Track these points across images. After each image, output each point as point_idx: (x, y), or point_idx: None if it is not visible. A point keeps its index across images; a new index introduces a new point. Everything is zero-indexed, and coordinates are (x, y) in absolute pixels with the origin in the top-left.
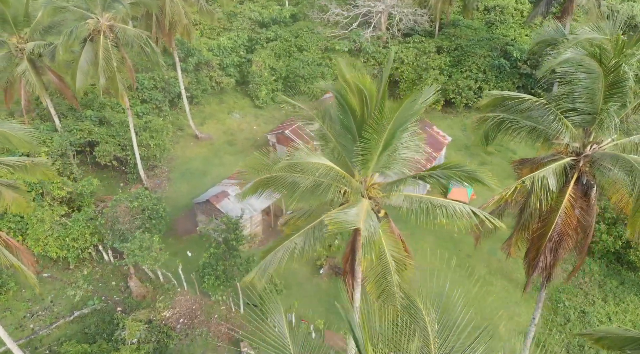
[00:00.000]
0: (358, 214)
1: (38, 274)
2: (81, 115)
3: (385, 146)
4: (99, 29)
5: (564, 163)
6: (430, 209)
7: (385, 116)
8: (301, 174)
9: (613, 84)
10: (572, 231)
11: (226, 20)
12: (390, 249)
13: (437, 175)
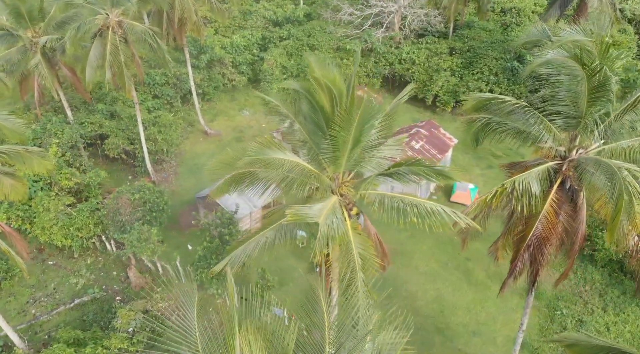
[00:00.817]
0: (321, 209)
1: (44, 261)
2: (93, 108)
3: (355, 143)
4: (108, 24)
5: (548, 167)
6: (402, 208)
7: (352, 113)
8: (265, 170)
9: (597, 87)
10: (555, 237)
11: (241, 19)
12: (358, 247)
13: (402, 172)
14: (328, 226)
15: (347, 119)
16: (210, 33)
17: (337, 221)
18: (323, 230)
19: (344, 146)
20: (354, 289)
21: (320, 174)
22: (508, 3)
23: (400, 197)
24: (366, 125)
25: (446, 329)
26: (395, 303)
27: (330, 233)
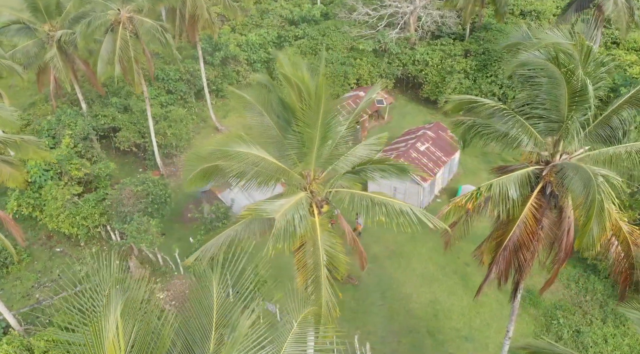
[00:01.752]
0: (282, 205)
1: (51, 248)
2: (108, 102)
3: (322, 140)
4: (119, 20)
5: (528, 172)
6: (370, 207)
7: (317, 111)
8: (230, 163)
9: (576, 91)
10: (534, 243)
11: (258, 17)
12: (324, 243)
13: (369, 169)
14: (287, 222)
15: (312, 116)
16: (226, 31)
17: (300, 217)
18: (279, 226)
19: (311, 142)
20: (316, 285)
21: (289, 170)
22: (528, 6)
23: (370, 196)
24: (332, 122)
25: (438, 333)
26: (388, 304)
27: (290, 229)
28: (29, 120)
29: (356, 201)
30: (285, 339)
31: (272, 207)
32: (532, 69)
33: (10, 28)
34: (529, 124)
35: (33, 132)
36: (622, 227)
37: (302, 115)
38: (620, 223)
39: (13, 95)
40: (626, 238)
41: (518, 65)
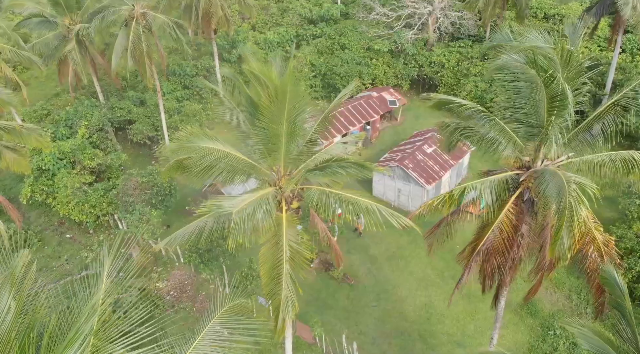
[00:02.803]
0: (243, 200)
1: (62, 234)
2: (125, 95)
3: (290, 136)
4: (133, 15)
5: (506, 176)
6: (338, 204)
7: (281, 107)
8: (196, 158)
9: (555, 96)
10: (513, 250)
11: (278, 16)
12: (289, 239)
13: (333, 166)
14: (248, 216)
15: (276, 113)
16: (245, 29)
17: (264, 212)
18: (236, 220)
19: (277, 139)
20: (277, 280)
21: (257, 165)
22: (552, 9)
23: (338, 194)
24: (297, 120)
25: (430, 337)
26: (383, 305)
27: (251, 223)
28: (50, 110)
29: (325, 198)
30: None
31: (231, 203)
32: (511, 72)
33: (32, 21)
34: (511, 128)
35: (52, 122)
36: (597, 237)
37: (266, 111)
38: (595, 233)
39: (39, 86)
40: (600, 249)
41: (496, 68)
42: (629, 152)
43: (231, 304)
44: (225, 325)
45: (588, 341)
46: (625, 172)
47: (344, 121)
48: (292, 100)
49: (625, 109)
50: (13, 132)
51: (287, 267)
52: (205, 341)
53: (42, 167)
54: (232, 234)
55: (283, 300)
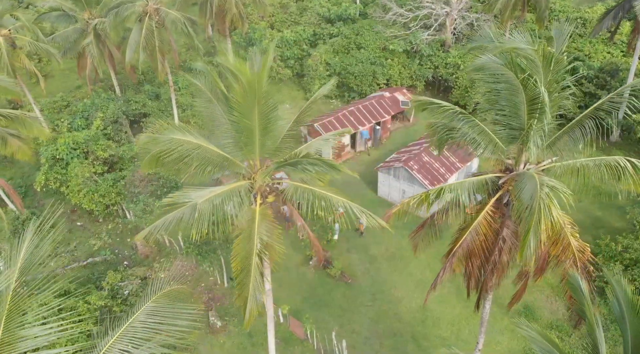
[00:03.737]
0: (212, 191)
1: (72, 221)
2: (142, 89)
3: (264, 131)
4: (146, 11)
5: (486, 179)
6: (311, 200)
7: (252, 102)
8: (169, 150)
9: (534, 98)
10: (494, 253)
11: (297, 14)
12: (261, 232)
13: (302, 162)
14: (215, 207)
15: (248, 107)
16: (263, 26)
17: (234, 204)
18: (201, 211)
19: (250, 133)
20: (246, 272)
21: (230, 157)
22: (575, 13)
23: (312, 189)
24: (271, 115)
25: (423, 339)
26: (378, 305)
27: (218, 215)
28: (69, 102)
29: (299, 193)
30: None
31: (198, 194)
32: (489, 74)
33: (51, 14)
34: (493, 130)
35: (70, 113)
36: (572, 244)
37: (237, 105)
38: (570, 239)
39: (62, 78)
40: (574, 256)
41: (475, 69)
42: (614, 158)
43: (168, 290)
44: (158, 309)
45: (537, 344)
46: (613, 179)
47: (353, 120)
48: (263, 95)
49: (608, 113)
50: (16, 120)
51: (256, 260)
52: (137, 323)
53: (56, 156)
54: (197, 224)
55: (251, 292)
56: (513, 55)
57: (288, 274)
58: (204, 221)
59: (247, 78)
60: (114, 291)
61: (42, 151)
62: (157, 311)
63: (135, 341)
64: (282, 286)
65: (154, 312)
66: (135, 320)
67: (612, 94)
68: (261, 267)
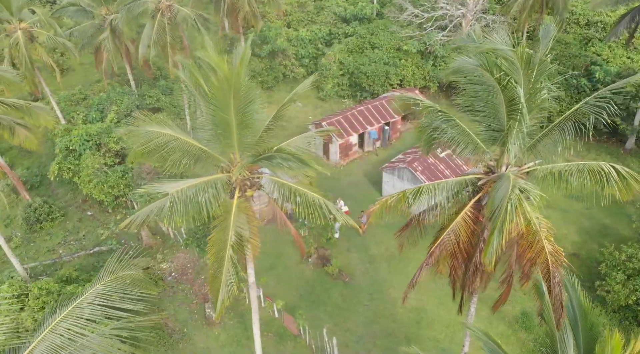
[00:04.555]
0: (186, 183)
1: (83, 211)
2: (157, 84)
3: (241, 125)
4: (159, 7)
5: (465, 180)
6: (288, 195)
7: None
8: (147, 143)
9: (512, 100)
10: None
11: (314, 14)
12: (236, 225)
13: (276, 157)
14: (188, 198)
15: (223, 101)
16: (278, 25)
17: (209, 196)
18: (173, 200)
19: (227, 126)
20: (219, 263)
21: (208, 150)
22: (596, 16)
23: (289, 185)
24: (247, 109)
25: (416, 341)
26: (375, 305)
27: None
28: (87, 95)
29: (276, 187)
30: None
31: (172, 185)
32: (466, 75)
33: (69, 9)
34: (476, 131)
35: (86, 106)
36: (546, 247)
37: (213, 98)
38: (544, 242)
39: (84, 71)
40: (547, 260)
41: (453, 72)
42: (597, 163)
43: (121, 274)
44: (108, 291)
45: (486, 345)
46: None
47: (362, 120)
48: (239, 89)
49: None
50: (21, 109)
51: (230, 251)
52: (84, 304)
53: (69, 147)
54: (169, 214)
55: (223, 283)
56: (488, 57)
57: (287, 271)
58: (176, 211)
59: (223, 71)
60: None
61: (57, 142)
62: (105, 294)
63: (81, 322)
64: (281, 283)
65: (102, 295)
66: (83, 301)
67: (587, 98)
68: (235, 259)
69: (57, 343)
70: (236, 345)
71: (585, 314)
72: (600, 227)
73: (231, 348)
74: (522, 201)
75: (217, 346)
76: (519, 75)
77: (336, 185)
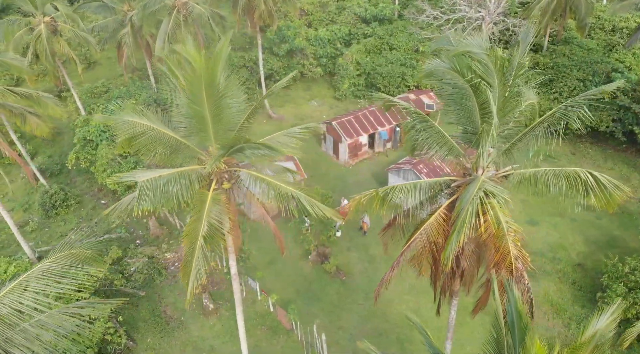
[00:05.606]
0: (157, 173)
1: (98, 200)
2: None
3: (216, 118)
4: (175, 5)
5: (440, 182)
6: (267, 191)
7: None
8: (121, 130)
9: (485, 103)
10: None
11: (335, 14)
12: (210, 216)
13: (246, 147)
14: (159, 188)
15: (197, 94)
16: (298, 24)
17: (181, 186)
18: (143, 189)
19: (202, 119)
20: (191, 251)
21: (184, 141)
22: (622, 22)
23: (264, 178)
24: (221, 103)
25: (407, 342)
26: (369, 304)
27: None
28: (109, 88)
29: (251, 180)
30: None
31: (143, 174)
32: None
33: (92, 5)
34: (454, 133)
35: (107, 99)
36: (511, 252)
37: (188, 91)
38: (510, 246)
39: (110, 65)
40: (511, 264)
41: (426, 75)
42: (574, 169)
43: (70, 252)
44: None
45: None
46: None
47: (373, 120)
48: (212, 82)
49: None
50: (30, 98)
51: (202, 241)
52: (31, 278)
53: (87, 137)
54: (138, 201)
55: (193, 270)
56: (460, 60)
57: (286, 266)
58: (144, 200)
59: (197, 64)
60: (122, 267)
61: (77, 132)
62: (52, 270)
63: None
64: (279, 278)
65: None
66: (30, 275)
67: (563, 104)
68: (206, 249)
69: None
70: (229, 336)
71: (520, 317)
72: (609, 238)
73: (224, 338)
74: (494, 204)
75: (211, 335)
76: (493, 79)
77: (342, 184)
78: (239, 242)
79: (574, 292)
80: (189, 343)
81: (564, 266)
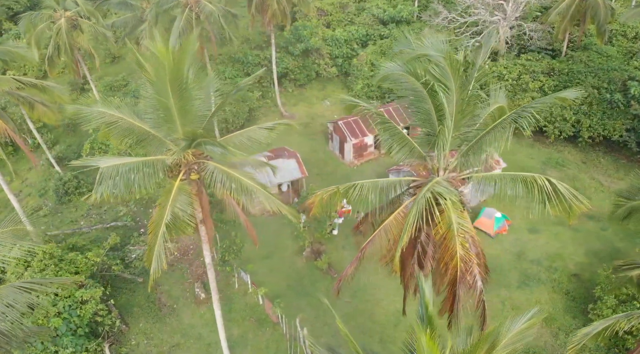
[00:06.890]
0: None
1: None
2: None
3: (182, 110)
4: (187, 2)
5: (401, 181)
6: (224, 181)
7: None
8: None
9: (440, 105)
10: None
11: (354, 14)
12: (174, 205)
13: (204, 144)
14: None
15: (161, 85)
16: (314, 24)
17: (143, 174)
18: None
19: (167, 111)
20: (154, 237)
21: (152, 132)
22: None
23: (227, 171)
24: (185, 95)
25: (390, 343)
26: (356, 303)
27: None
28: (128, 81)
29: (221, 178)
30: None
31: (107, 160)
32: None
33: (112, 1)
34: (417, 134)
35: (125, 92)
36: (458, 253)
37: (153, 83)
38: (458, 248)
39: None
40: (457, 264)
41: (381, 79)
42: (532, 175)
43: (11, 228)
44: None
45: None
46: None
47: None
48: (177, 75)
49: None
50: (37, 87)
51: (163, 228)
52: None
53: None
54: (97, 187)
55: (155, 255)
56: (416, 64)
57: (281, 261)
58: (105, 185)
59: (162, 57)
60: (123, 253)
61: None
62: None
63: None
64: (272, 272)
65: None
66: None
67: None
68: (168, 236)
69: None
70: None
71: (430, 318)
72: (612, 250)
73: (213, 326)
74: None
75: (201, 323)
76: (450, 81)
77: (344, 183)
78: (212, 233)
79: (566, 302)
80: (179, 329)
81: (560, 276)
